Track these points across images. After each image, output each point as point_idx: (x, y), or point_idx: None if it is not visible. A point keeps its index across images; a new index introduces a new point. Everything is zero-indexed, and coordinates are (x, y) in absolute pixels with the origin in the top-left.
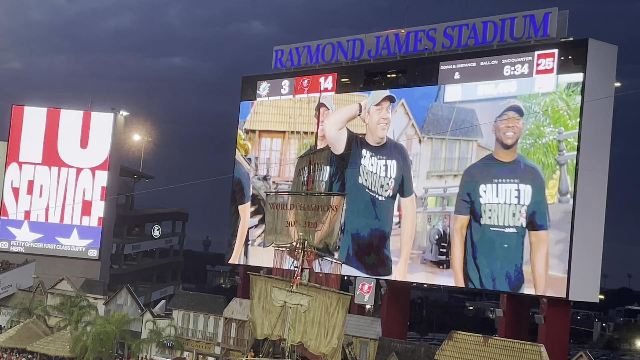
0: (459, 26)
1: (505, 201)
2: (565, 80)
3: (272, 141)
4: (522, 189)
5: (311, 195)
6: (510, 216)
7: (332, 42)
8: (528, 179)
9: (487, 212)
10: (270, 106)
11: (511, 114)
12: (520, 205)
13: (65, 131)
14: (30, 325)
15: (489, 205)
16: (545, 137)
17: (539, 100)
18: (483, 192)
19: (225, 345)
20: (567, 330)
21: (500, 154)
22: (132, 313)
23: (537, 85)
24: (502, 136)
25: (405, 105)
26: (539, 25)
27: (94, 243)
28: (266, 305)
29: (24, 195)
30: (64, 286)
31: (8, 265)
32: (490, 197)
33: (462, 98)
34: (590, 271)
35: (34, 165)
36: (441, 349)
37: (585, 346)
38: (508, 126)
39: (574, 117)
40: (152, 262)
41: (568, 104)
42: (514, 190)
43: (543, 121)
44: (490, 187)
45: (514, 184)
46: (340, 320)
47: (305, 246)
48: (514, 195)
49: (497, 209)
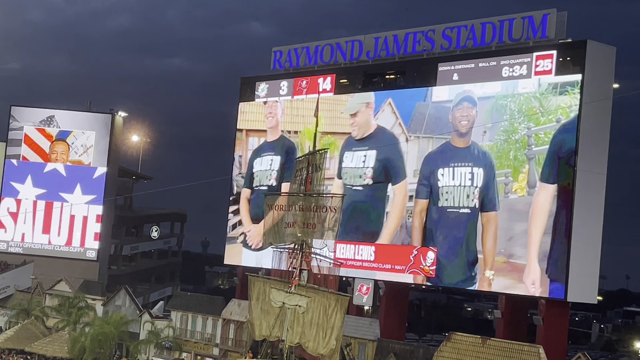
0: (457, 27)
1: (460, 183)
2: (546, 81)
3: (260, 140)
4: (476, 172)
5: (310, 196)
6: (465, 197)
7: (331, 43)
8: (481, 162)
9: (444, 194)
10: (257, 105)
11: (466, 104)
12: (474, 187)
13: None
14: (28, 326)
15: (446, 187)
16: (518, 134)
17: (515, 98)
18: (441, 175)
19: (224, 346)
20: (566, 331)
21: (456, 141)
22: (131, 314)
23: (521, 86)
24: (458, 124)
25: (392, 105)
26: (537, 26)
27: (97, 200)
28: (264, 306)
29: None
30: (62, 287)
31: (6, 266)
32: (447, 180)
33: (449, 98)
34: (588, 272)
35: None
36: (439, 350)
37: (584, 347)
38: (463, 115)
39: (546, 114)
40: (150, 263)
41: (541, 102)
42: (468, 174)
43: (517, 119)
44: (448, 170)
45: (469, 167)
46: (338, 321)
47: (303, 247)
48: (468, 178)
49: (453, 191)
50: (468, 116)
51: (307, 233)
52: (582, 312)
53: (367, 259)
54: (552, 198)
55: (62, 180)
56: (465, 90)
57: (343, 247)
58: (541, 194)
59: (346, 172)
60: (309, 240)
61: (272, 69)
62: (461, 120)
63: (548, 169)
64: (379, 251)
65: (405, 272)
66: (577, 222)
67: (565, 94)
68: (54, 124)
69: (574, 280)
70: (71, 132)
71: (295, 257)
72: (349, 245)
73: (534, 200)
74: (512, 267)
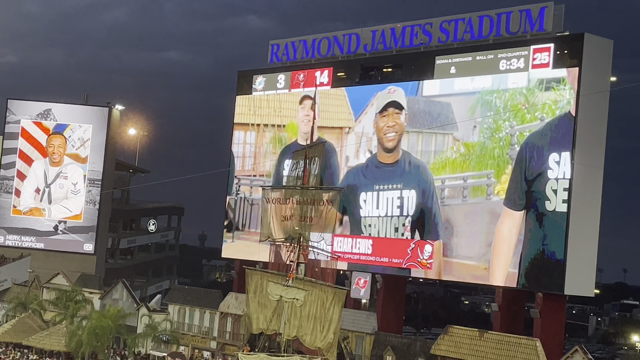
0: (455, 20)
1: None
2: (535, 77)
3: (246, 134)
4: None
5: (306, 189)
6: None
7: (328, 37)
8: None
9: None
10: (245, 99)
11: (391, 110)
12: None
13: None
14: (25, 320)
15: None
16: (502, 132)
17: (501, 94)
18: (363, 202)
19: (221, 339)
20: (563, 324)
21: (382, 157)
22: (128, 307)
23: (511, 81)
24: (383, 137)
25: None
26: (534, 19)
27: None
28: (262, 300)
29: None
30: (59, 280)
31: (3, 259)
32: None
33: (440, 92)
34: (585, 266)
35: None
36: (437, 344)
37: (581, 340)
38: (389, 125)
39: (531, 111)
40: (147, 256)
41: (527, 98)
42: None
43: (502, 115)
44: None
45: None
46: (336, 315)
47: (301, 240)
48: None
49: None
50: (395, 126)
51: (305, 226)
52: (579, 305)
53: (365, 252)
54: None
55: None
56: (390, 89)
57: (340, 240)
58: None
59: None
60: (306, 233)
61: (269, 62)
62: (387, 133)
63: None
64: (377, 244)
65: (403, 265)
66: (573, 216)
67: (551, 90)
68: (50, 117)
69: (571, 273)
70: (68, 125)
71: (293, 251)
72: (347, 238)
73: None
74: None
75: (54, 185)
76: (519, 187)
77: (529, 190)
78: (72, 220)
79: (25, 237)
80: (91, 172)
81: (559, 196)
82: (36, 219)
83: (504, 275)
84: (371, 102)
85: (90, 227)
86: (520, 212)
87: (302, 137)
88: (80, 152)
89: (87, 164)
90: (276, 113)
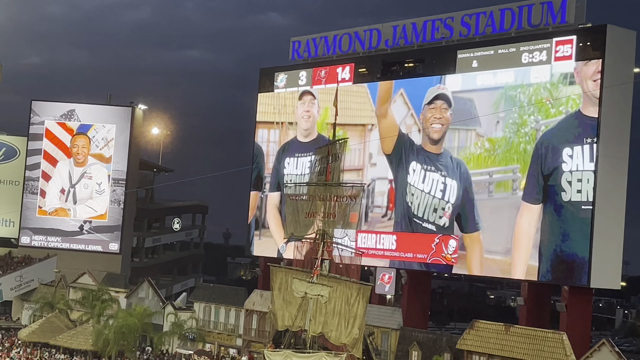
0: (476, 14)
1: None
2: (558, 71)
3: (269, 132)
4: (449, 184)
5: (330, 186)
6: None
7: (349, 32)
8: (455, 174)
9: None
10: (268, 96)
11: (439, 102)
12: (445, 201)
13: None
14: (52, 320)
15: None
16: (527, 127)
17: (524, 89)
18: (412, 170)
19: (247, 336)
20: (589, 317)
21: (428, 147)
22: (154, 306)
23: (534, 75)
24: (429, 127)
25: (404, 95)
26: (556, 11)
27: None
28: (287, 297)
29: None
30: (85, 280)
31: (30, 260)
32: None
33: (462, 88)
34: (611, 258)
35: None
36: (463, 338)
37: (608, 334)
38: (436, 117)
39: (556, 106)
40: (172, 255)
41: (551, 93)
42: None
43: (527, 110)
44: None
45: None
46: (361, 311)
47: (325, 237)
48: (439, 189)
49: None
50: (442, 118)
51: (328, 223)
52: (605, 298)
53: (389, 248)
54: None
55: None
56: (439, 86)
57: (364, 237)
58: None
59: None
60: (330, 230)
61: (290, 59)
62: (433, 123)
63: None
64: (401, 240)
65: (427, 260)
66: (599, 208)
67: (575, 84)
68: (74, 117)
69: (597, 266)
70: (92, 125)
71: (317, 247)
72: (371, 234)
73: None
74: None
75: (78, 185)
76: (537, 182)
77: (546, 184)
78: (97, 220)
79: (51, 237)
80: (115, 172)
81: (574, 187)
82: (62, 219)
83: (524, 269)
84: (394, 99)
85: (115, 227)
86: (538, 206)
87: (302, 133)
88: (104, 152)
89: (111, 163)
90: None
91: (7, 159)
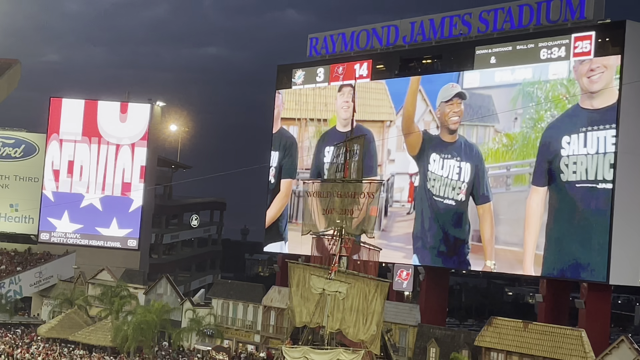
0: (494, 10)
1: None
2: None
3: (289, 129)
4: (463, 166)
5: (347, 182)
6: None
7: (367, 29)
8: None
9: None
10: (287, 93)
11: (456, 100)
12: (461, 181)
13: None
14: (71, 316)
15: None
16: (544, 122)
17: (541, 85)
18: (433, 160)
19: (265, 333)
20: (608, 314)
21: (445, 137)
22: (172, 302)
23: (552, 72)
24: (448, 121)
25: (422, 92)
26: (575, 7)
27: (133, 233)
28: (305, 293)
29: (64, 178)
30: (104, 276)
31: (49, 256)
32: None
33: (480, 84)
34: (630, 255)
35: (74, 143)
36: (481, 335)
37: (627, 331)
38: (454, 111)
39: (572, 102)
40: (191, 251)
41: (568, 89)
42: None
43: (544, 106)
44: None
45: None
46: (378, 307)
47: (342, 233)
48: (455, 172)
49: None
50: (459, 112)
51: (346, 219)
52: (624, 295)
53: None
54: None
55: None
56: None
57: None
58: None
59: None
60: (347, 226)
61: (308, 55)
62: (452, 117)
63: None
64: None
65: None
66: (618, 205)
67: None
68: None
69: (616, 262)
70: None
71: (335, 244)
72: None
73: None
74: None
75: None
76: (542, 168)
77: (549, 168)
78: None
79: (70, 234)
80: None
81: (570, 169)
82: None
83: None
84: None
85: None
86: (544, 188)
87: (342, 123)
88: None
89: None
90: (317, 107)
91: (26, 156)
